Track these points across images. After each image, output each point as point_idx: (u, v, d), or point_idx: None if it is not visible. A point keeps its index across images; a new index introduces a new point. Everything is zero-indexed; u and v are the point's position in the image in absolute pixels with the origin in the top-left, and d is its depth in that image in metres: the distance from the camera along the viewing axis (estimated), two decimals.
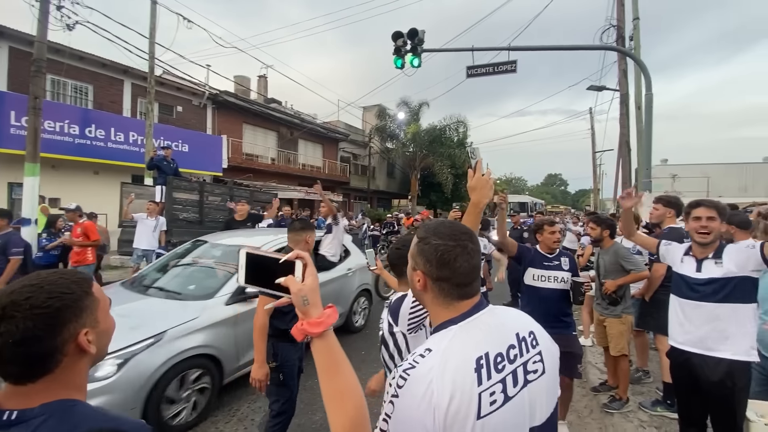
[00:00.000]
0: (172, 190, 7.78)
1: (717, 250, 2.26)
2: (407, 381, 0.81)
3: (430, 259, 0.94)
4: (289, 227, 2.71)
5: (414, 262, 0.98)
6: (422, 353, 0.86)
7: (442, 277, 0.93)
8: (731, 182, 28.45)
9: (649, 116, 8.15)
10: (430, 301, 0.97)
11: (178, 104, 15.85)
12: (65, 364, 0.72)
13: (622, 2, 10.25)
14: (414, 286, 0.99)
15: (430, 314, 1.00)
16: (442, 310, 0.95)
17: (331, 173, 23.94)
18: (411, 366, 0.84)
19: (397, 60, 9.29)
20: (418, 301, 1.08)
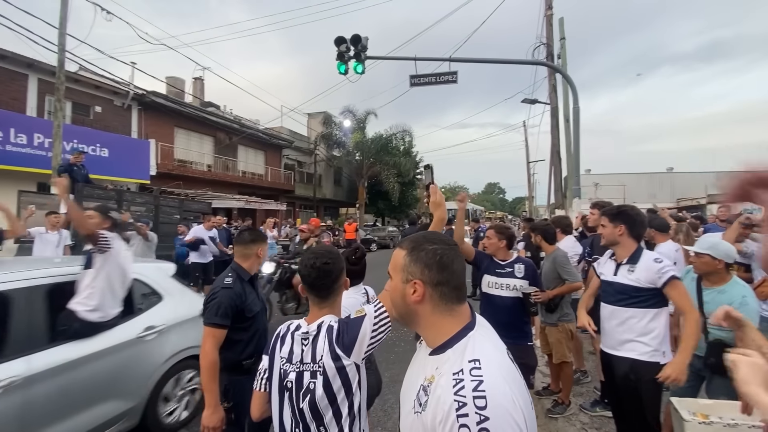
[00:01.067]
0: (83, 199, 6.83)
1: (632, 256, 2.28)
2: (486, 397, 0.75)
3: (429, 264, 0.91)
4: (237, 239, 2.34)
5: (405, 273, 0.93)
6: (475, 367, 0.79)
7: (442, 281, 0.90)
8: (642, 190, 32.11)
9: (577, 127, 8.74)
10: (429, 312, 0.92)
11: (97, 104, 14.23)
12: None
13: (551, 23, 11.02)
14: (406, 301, 0.92)
15: (426, 329, 0.94)
16: (445, 318, 0.91)
17: (275, 181, 23.00)
18: (477, 382, 0.77)
19: (341, 65, 9.13)
20: (403, 319, 0.97)
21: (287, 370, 1.29)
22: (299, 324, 1.35)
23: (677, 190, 32.20)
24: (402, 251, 0.96)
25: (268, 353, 1.36)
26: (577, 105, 8.67)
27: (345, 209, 32.75)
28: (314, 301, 1.39)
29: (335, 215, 30.97)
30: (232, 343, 2.08)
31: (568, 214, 8.71)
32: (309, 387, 1.24)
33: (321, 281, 1.36)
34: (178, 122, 17.20)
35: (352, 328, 1.27)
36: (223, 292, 2.06)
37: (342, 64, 9.11)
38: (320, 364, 1.25)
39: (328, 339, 1.27)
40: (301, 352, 1.29)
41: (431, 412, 0.80)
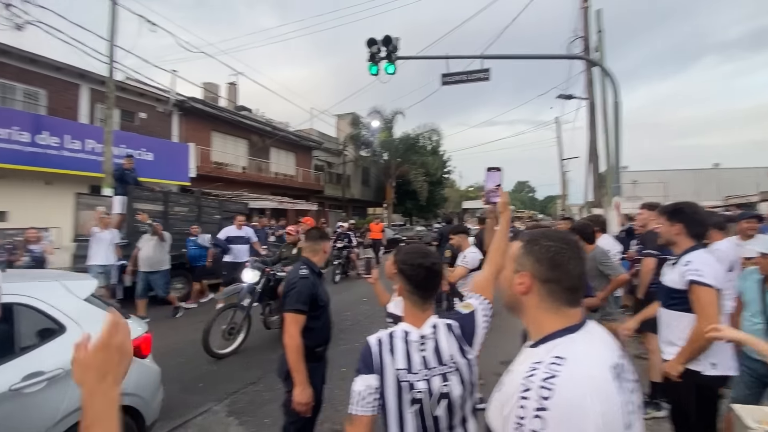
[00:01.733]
0: (134, 201, 7.26)
1: (680, 256, 2.19)
2: (554, 391, 0.75)
3: (540, 259, 0.92)
4: (307, 235, 2.60)
5: (518, 264, 0.96)
6: (555, 362, 0.79)
7: (552, 278, 0.90)
8: (686, 187, 30.41)
9: (618, 123, 8.42)
10: (533, 305, 0.93)
11: (141, 110, 15.06)
12: None
13: (588, 15, 10.65)
14: (514, 290, 0.95)
15: (528, 322, 0.95)
16: (549, 316, 0.90)
17: (305, 181, 23.49)
18: (551, 375, 0.77)
19: (372, 67, 9.21)
20: (510, 307, 0.99)
21: (412, 381, 1.18)
22: (404, 330, 1.25)
23: (725, 187, 30.27)
24: (518, 243, 0.99)
25: (363, 372, 1.19)
26: (617, 99, 8.36)
27: (373, 209, 32.97)
28: (417, 303, 1.30)
29: (363, 215, 31.23)
30: (306, 330, 2.26)
31: (607, 212, 8.40)
32: (443, 391, 1.19)
33: (430, 282, 1.31)
34: (214, 126, 17.92)
35: (469, 322, 1.30)
36: (302, 282, 2.28)
37: (373, 65, 9.19)
38: (451, 364, 1.22)
39: (454, 336, 1.26)
40: (423, 359, 1.21)
41: (504, 391, 0.86)
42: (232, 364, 4.66)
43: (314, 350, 2.34)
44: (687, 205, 2.30)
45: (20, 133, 10.82)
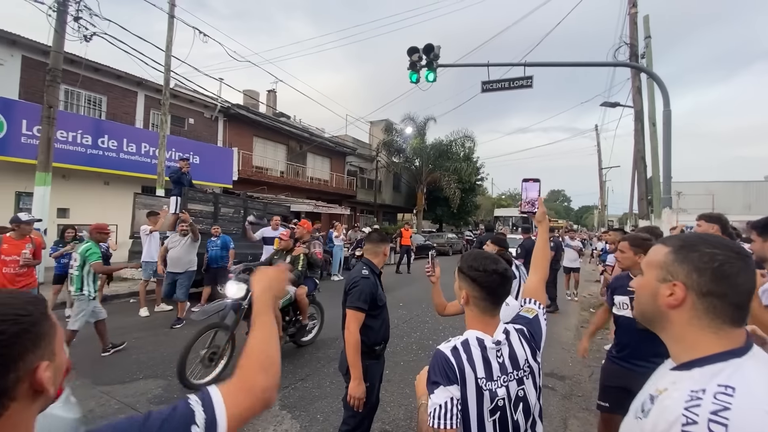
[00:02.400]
0: (188, 202, 7.71)
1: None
2: (729, 427, 0.66)
3: (702, 268, 0.78)
4: (368, 238, 2.74)
5: (665, 272, 0.83)
6: (725, 392, 0.69)
7: (715, 292, 0.77)
8: (735, 200, 28.51)
9: (668, 132, 8.08)
10: (683, 321, 0.80)
11: (190, 116, 15.94)
12: (11, 413, 0.53)
13: (635, 21, 10.33)
14: (656, 301, 0.84)
15: (674, 340, 0.83)
16: (705, 335, 0.78)
17: (339, 186, 23.94)
18: (722, 407, 0.68)
19: (412, 75, 9.31)
20: (647, 319, 0.89)
21: (493, 389, 1.18)
22: (477, 338, 1.24)
23: None
24: (664, 248, 0.86)
25: (443, 383, 1.14)
26: (668, 108, 8.02)
27: (402, 215, 33.03)
28: (487, 309, 1.28)
29: (393, 220, 31.35)
30: (367, 329, 2.38)
31: (658, 224, 8.05)
32: (519, 395, 1.22)
33: (505, 288, 1.30)
34: (256, 132, 18.67)
35: (536, 326, 1.35)
36: (363, 281, 2.40)
37: (414, 73, 9.29)
38: (526, 367, 1.25)
39: (525, 341, 1.29)
40: (499, 365, 1.21)
41: (652, 420, 0.77)
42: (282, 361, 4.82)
43: (374, 348, 2.46)
44: None
45: (83, 137, 11.76)
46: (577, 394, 4.22)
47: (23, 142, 10.55)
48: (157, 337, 5.61)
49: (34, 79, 11.36)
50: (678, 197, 25.55)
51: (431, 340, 5.89)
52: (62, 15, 8.86)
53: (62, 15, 8.86)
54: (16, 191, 11.08)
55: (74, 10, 9.14)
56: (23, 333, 0.55)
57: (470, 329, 1.27)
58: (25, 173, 10.21)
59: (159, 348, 5.12)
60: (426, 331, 6.34)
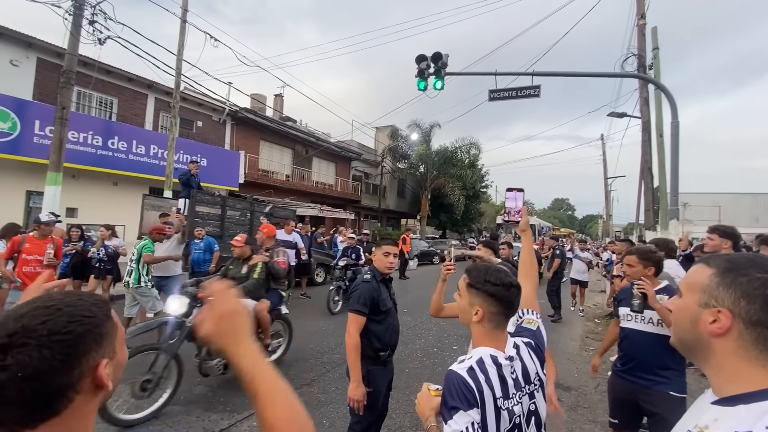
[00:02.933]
0: (195, 204, 7.78)
1: None
2: None
3: (752, 295, 0.71)
4: (376, 244, 2.78)
5: (707, 296, 0.76)
6: None
7: (766, 322, 0.70)
8: (743, 212, 28.29)
9: (676, 144, 8.08)
10: (728, 351, 0.73)
11: (199, 119, 16.12)
12: (76, 405, 0.59)
13: (644, 32, 10.37)
14: (697, 328, 0.77)
15: (717, 370, 0.76)
16: (754, 368, 0.71)
17: (343, 191, 24.02)
18: None
19: (420, 82, 9.39)
20: (685, 346, 0.82)
21: (510, 407, 1.15)
22: (491, 355, 1.19)
23: None
24: (708, 269, 0.79)
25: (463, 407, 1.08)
26: (676, 120, 8.04)
27: (406, 220, 33.04)
28: (501, 323, 1.25)
29: (397, 226, 31.37)
30: (370, 333, 2.41)
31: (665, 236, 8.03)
32: (531, 409, 1.21)
33: (518, 299, 1.27)
34: (263, 135, 18.83)
35: (540, 337, 1.35)
36: (363, 285, 2.45)
37: (422, 80, 9.36)
38: (536, 381, 1.24)
39: (534, 353, 1.28)
40: (514, 381, 1.19)
41: None
42: (288, 366, 4.84)
43: (378, 353, 2.45)
44: None
45: (94, 138, 11.92)
46: (583, 405, 4.21)
47: (35, 142, 10.71)
48: None
49: (48, 80, 11.56)
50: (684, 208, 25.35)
51: (436, 347, 5.89)
52: (78, 18, 9.01)
53: (78, 18, 9.01)
54: (26, 190, 11.22)
55: (89, 14, 9.31)
56: (87, 333, 0.60)
57: (481, 346, 1.22)
58: (36, 173, 10.35)
59: None
60: (431, 338, 6.34)
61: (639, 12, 10.67)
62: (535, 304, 1.50)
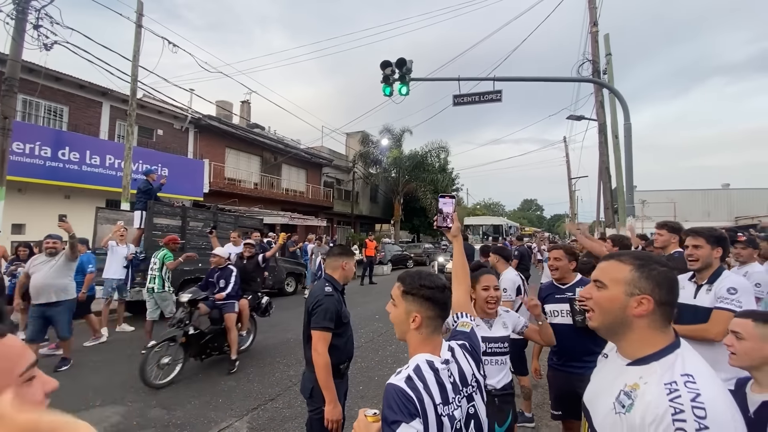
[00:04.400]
0: (153, 216, 7.42)
1: (713, 276, 2.26)
2: (707, 409, 0.81)
3: (661, 283, 0.97)
4: (329, 253, 2.63)
5: (633, 287, 0.99)
6: (689, 381, 0.86)
7: (668, 301, 0.97)
8: (695, 207, 30.21)
9: (629, 144, 8.49)
10: (644, 326, 0.98)
11: (159, 127, 15.49)
12: None
13: (597, 39, 10.89)
14: (625, 312, 0.99)
15: (633, 341, 1.00)
16: (659, 335, 0.97)
17: (315, 198, 23.73)
18: (696, 393, 0.84)
19: (386, 88, 9.43)
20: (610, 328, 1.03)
21: (451, 412, 1.12)
22: (428, 360, 1.16)
23: (735, 208, 30.02)
24: (625, 265, 1.01)
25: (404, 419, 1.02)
26: (628, 122, 8.45)
27: (380, 225, 33.03)
28: (437, 327, 1.23)
29: (371, 231, 31.33)
30: (332, 347, 2.29)
31: (619, 232, 8.39)
32: (470, 412, 1.19)
33: (450, 301, 1.30)
34: (229, 143, 18.32)
35: (474, 338, 1.34)
36: (328, 299, 2.31)
37: (387, 86, 9.40)
38: (473, 383, 1.23)
39: (469, 355, 1.27)
40: (452, 385, 1.16)
41: (639, 413, 0.88)
42: (251, 381, 4.66)
43: (338, 367, 2.36)
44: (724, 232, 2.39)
45: (42, 149, 11.18)
46: (548, 401, 4.26)
47: None
48: (118, 360, 5.31)
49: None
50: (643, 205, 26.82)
51: (406, 353, 5.82)
52: (21, 23, 8.46)
53: (21, 23, 8.46)
54: None
55: (34, 18, 8.76)
56: None
57: (418, 353, 1.20)
58: None
59: (118, 372, 4.84)
60: (402, 345, 6.28)
61: (592, 20, 11.20)
62: (470, 306, 1.52)
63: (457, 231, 1.70)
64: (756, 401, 1.41)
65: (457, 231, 1.70)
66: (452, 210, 1.74)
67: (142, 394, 4.21)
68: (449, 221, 1.73)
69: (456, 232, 1.70)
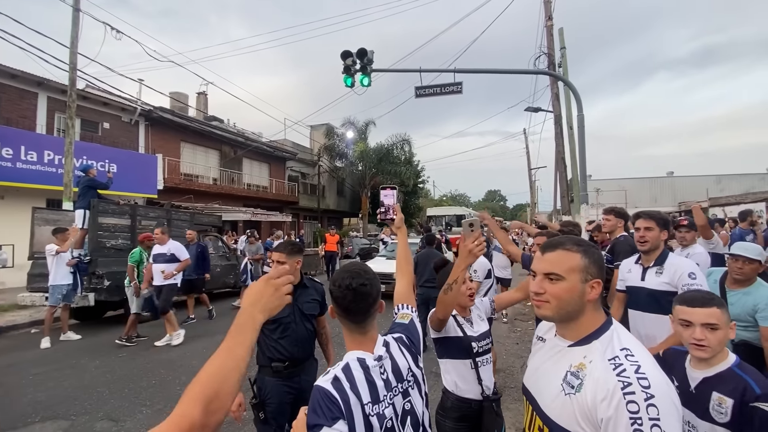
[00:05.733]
0: (98, 215, 6.90)
1: (659, 258, 2.34)
2: (649, 379, 0.85)
3: (602, 265, 1.02)
4: (276, 249, 2.46)
5: (585, 274, 1.01)
6: (628, 354, 0.91)
7: (604, 280, 1.02)
8: (644, 194, 32.29)
9: (582, 135, 8.86)
10: (592, 308, 1.02)
11: (105, 120, 14.44)
12: None
13: (552, 33, 11.23)
14: (583, 299, 1.01)
15: (581, 324, 1.02)
16: (599, 314, 1.02)
17: (279, 193, 23.14)
18: (637, 365, 0.88)
19: (347, 79, 9.27)
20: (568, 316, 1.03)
21: (381, 411, 1.07)
22: (358, 358, 1.12)
23: (678, 194, 32.36)
24: (574, 253, 1.03)
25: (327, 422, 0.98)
26: (581, 113, 8.81)
27: (348, 219, 32.81)
28: (352, 328, 1.18)
29: (339, 225, 31.06)
30: (261, 343, 2.26)
31: (575, 220, 8.78)
32: (406, 408, 1.15)
33: (358, 305, 1.15)
34: (184, 137, 17.41)
35: (413, 330, 1.31)
36: None
37: (348, 77, 9.26)
38: (410, 377, 1.19)
39: (406, 348, 1.23)
40: (384, 382, 1.12)
41: (590, 391, 0.90)
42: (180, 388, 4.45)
43: (271, 364, 2.25)
44: (667, 215, 2.51)
45: None
46: (509, 385, 4.39)
47: None
48: (61, 371, 4.92)
49: None
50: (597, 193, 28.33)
51: None
52: None
53: None
54: None
55: None
56: None
57: (349, 350, 1.16)
58: None
59: (62, 384, 4.49)
60: None
61: (547, 14, 11.53)
62: (411, 298, 1.47)
63: (400, 222, 1.68)
64: (696, 377, 1.43)
65: (400, 222, 1.68)
66: (394, 202, 1.72)
67: (87, 406, 3.92)
68: (392, 213, 1.70)
69: (399, 223, 1.67)
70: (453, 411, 1.92)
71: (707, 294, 1.51)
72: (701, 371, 1.43)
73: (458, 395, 1.92)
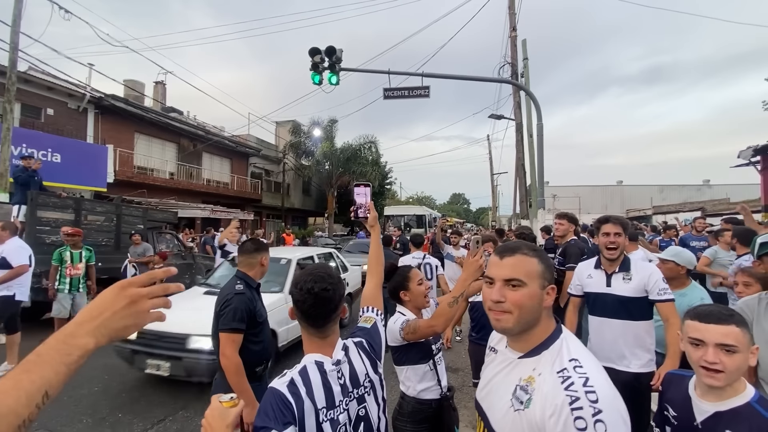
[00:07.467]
0: (37, 208, 6.36)
1: (624, 264, 2.36)
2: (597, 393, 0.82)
3: (553, 272, 1.00)
4: (241, 248, 2.40)
5: (542, 280, 0.97)
6: (577, 365, 0.87)
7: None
8: (596, 201, 34.40)
9: (541, 143, 9.27)
10: (546, 315, 0.98)
11: (49, 106, 13.33)
12: None
13: (515, 43, 11.68)
14: (542, 306, 0.96)
15: (535, 333, 0.97)
16: (551, 321, 0.98)
17: (241, 189, 22.38)
18: (585, 378, 0.85)
19: (315, 76, 9.16)
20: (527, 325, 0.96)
21: (335, 417, 1.05)
22: (317, 361, 1.10)
23: (626, 202, 34.73)
24: (532, 258, 0.97)
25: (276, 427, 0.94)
26: (540, 122, 9.21)
27: (314, 219, 32.35)
28: (311, 332, 1.15)
29: (304, 225, 30.54)
30: (246, 349, 2.15)
31: (533, 224, 9.18)
32: (360, 414, 1.13)
33: (318, 310, 1.11)
34: (138, 127, 16.41)
35: (375, 335, 1.29)
36: (237, 298, 2.15)
37: (316, 74, 9.15)
38: (366, 383, 1.17)
39: (365, 354, 1.22)
40: (341, 387, 1.10)
41: (538, 407, 0.86)
42: (156, 390, 4.23)
43: (254, 370, 2.23)
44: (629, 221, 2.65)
45: None
46: (468, 384, 4.49)
47: None
48: None
49: None
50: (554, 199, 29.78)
51: None
52: None
53: None
54: None
55: None
56: None
57: (308, 353, 1.14)
58: None
59: None
60: None
61: (511, 24, 11.99)
62: (379, 300, 1.45)
63: (373, 221, 1.65)
64: (706, 410, 1.17)
65: (373, 221, 1.65)
66: (367, 200, 1.68)
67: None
68: (365, 211, 1.67)
69: (373, 221, 1.64)
70: (414, 414, 1.94)
71: (725, 309, 1.23)
72: (712, 404, 1.17)
73: (418, 398, 1.94)
